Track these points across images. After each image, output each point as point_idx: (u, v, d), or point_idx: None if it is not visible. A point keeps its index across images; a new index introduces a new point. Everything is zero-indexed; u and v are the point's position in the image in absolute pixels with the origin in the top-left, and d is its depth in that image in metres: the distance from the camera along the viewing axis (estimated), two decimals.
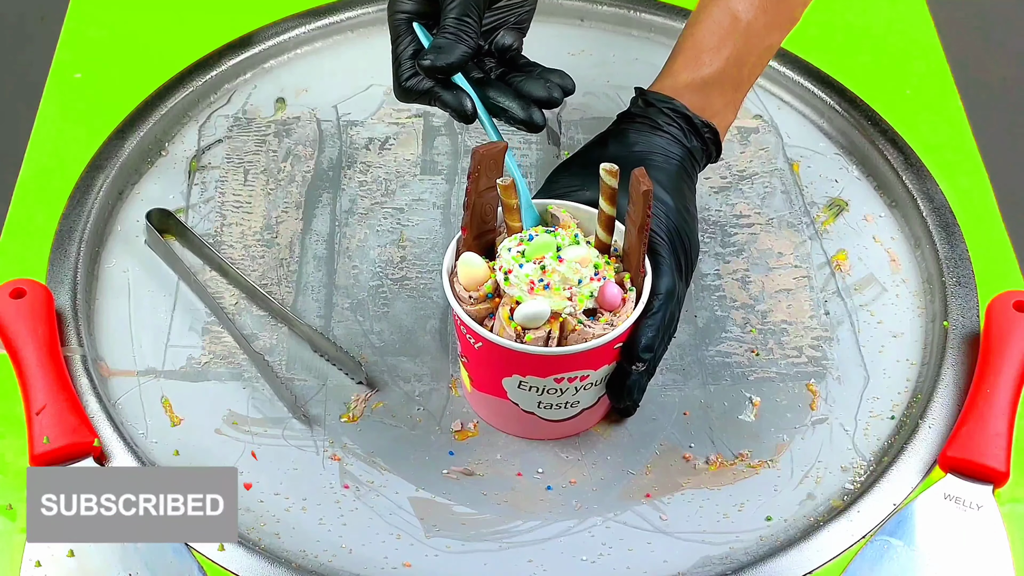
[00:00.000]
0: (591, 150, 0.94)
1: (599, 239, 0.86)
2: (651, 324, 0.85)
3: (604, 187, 0.84)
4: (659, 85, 0.96)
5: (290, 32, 1.16)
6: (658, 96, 0.94)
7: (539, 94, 0.87)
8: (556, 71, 0.89)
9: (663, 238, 0.87)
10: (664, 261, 0.86)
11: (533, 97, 0.87)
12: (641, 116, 0.94)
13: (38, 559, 0.82)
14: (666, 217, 0.88)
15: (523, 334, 0.82)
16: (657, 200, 0.88)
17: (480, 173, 0.83)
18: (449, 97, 0.87)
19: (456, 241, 0.86)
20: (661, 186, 0.89)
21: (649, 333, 0.85)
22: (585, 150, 0.95)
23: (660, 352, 0.86)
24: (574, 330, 0.82)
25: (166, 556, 0.82)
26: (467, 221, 0.85)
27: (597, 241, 0.86)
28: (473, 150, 0.83)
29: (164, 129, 1.09)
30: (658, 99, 0.94)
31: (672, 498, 0.88)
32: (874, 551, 0.84)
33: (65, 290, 0.96)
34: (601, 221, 0.86)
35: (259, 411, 0.92)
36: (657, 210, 0.87)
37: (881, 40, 1.18)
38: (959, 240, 1.01)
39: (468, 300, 0.84)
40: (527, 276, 0.82)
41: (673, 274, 0.86)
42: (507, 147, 0.84)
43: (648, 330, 0.85)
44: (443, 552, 0.85)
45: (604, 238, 0.86)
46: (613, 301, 0.83)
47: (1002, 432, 0.87)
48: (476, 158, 0.83)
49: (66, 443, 0.85)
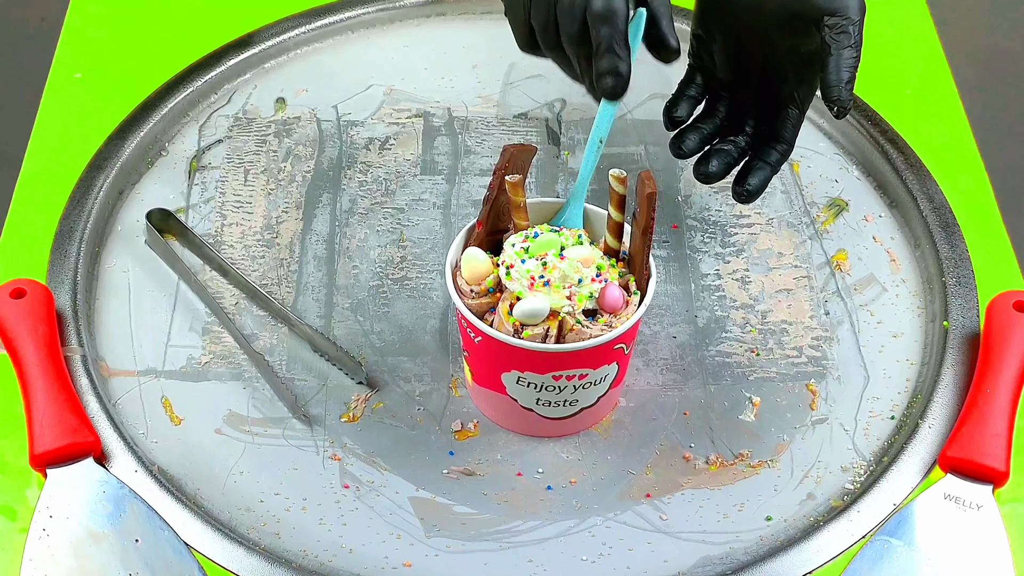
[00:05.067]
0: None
1: (607, 244, 0.86)
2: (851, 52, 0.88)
3: (613, 194, 0.84)
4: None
5: (290, 32, 1.16)
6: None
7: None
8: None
9: None
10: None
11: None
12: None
13: (38, 559, 0.82)
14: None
15: (522, 330, 0.82)
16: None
17: (507, 170, 0.85)
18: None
19: (465, 232, 0.87)
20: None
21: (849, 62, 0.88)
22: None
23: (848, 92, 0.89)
24: (572, 329, 0.82)
25: (166, 556, 0.82)
26: (484, 216, 0.86)
27: (605, 246, 0.87)
28: (504, 147, 0.85)
29: (164, 129, 1.09)
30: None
31: (672, 498, 0.88)
32: (874, 551, 0.84)
33: (65, 290, 0.96)
34: (609, 227, 0.86)
35: (259, 411, 0.92)
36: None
37: (881, 40, 1.18)
38: (959, 240, 1.01)
39: (470, 294, 0.84)
40: (528, 272, 0.82)
41: None
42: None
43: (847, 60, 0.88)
44: (443, 552, 0.85)
45: (612, 243, 0.86)
46: (614, 304, 0.83)
47: (1002, 432, 0.87)
48: (506, 155, 0.85)
49: (66, 443, 0.85)
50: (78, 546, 0.82)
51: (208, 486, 0.88)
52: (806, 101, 0.96)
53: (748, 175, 0.96)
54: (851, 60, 0.88)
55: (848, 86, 0.88)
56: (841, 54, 0.88)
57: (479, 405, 0.92)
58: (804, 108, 0.96)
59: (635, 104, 1.12)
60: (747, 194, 0.96)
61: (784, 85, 0.95)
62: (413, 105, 1.12)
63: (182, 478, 0.88)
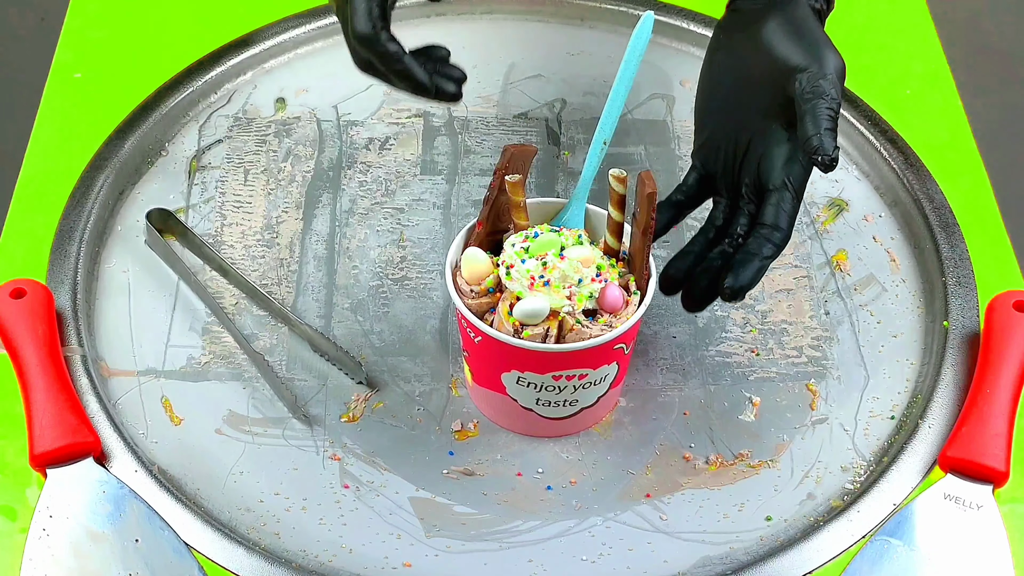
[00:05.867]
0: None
1: (607, 244, 0.86)
2: (828, 111, 0.83)
3: (612, 193, 0.84)
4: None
5: (290, 32, 1.16)
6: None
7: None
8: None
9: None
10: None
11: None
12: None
13: (38, 559, 0.82)
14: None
15: (521, 330, 0.82)
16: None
17: (508, 170, 0.85)
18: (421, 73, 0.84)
19: (465, 232, 0.87)
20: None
21: (826, 124, 0.83)
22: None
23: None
24: (572, 329, 0.82)
25: (166, 556, 0.82)
26: (485, 216, 0.86)
27: (605, 246, 0.87)
28: (505, 147, 0.85)
29: (164, 129, 1.09)
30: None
31: (672, 498, 0.88)
32: (874, 551, 0.84)
33: (65, 290, 0.96)
34: (610, 227, 0.86)
35: (259, 411, 0.92)
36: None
37: (881, 40, 1.18)
38: (959, 240, 1.01)
39: (470, 294, 0.84)
40: (528, 272, 0.82)
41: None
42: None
43: (824, 120, 0.83)
44: (443, 552, 0.85)
45: (612, 243, 0.86)
46: (614, 304, 0.83)
47: (1002, 432, 0.87)
48: (506, 155, 0.85)
49: (66, 443, 0.85)
50: (78, 546, 0.82)
51: (208, 486, 0.88)
52: (797, 181, 0.87)
53: (737, 269, 0.85)
54: (826, 111, 0.83)
55: (828, 134, 0.83)
56: (815, 104, 0.83)
57: (479, 405, 0.92)
58: (797, 190, 0.87)
59: (635, 104, 1.12)
60: (731, 292, 0.85)
61: (774, 171, 0.87)
62: (413, 105, 1.12)
63: (182, 478, 0.88)
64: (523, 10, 1.20)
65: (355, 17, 0.83)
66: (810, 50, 0.86)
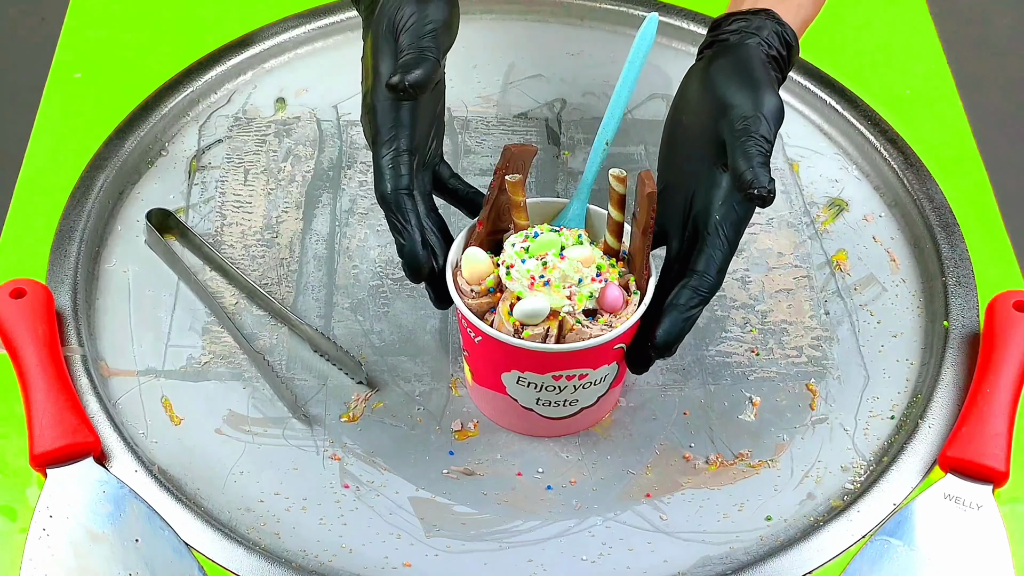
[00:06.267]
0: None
1: (607, 244, 0.86)
2: (760, 148, 0.81)
3: (612, 193, 0.84)
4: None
5: (290, 32, 1.16)
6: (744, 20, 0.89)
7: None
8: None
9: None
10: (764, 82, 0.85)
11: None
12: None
13: (38, 559, 0.82)
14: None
15: (522, 330, 0.82)
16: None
17: (508, 170, 0.85)
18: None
19: (466, 232, 0.87)
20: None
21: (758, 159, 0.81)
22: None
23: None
24: (572, 329, 0.82)
25: (166, 556, 0.82)
26: (485, 215, 0.86)
27: (605, 246, 0.87)
28: (505, 147, 0.85)
29: (164, 129, 1.09)
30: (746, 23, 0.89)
31: (672, 498, 0.88)
32: (874, 551, 0.84)
33: (65, 290, 0.96)
34: (610, 227, 0.86)
35: (259, 411, 0.92)
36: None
37: (881, 40, 1.18)
38: (959, 240, 1.01)
39: (470, 293, 0.84)
40: (528, 271, 0.82)
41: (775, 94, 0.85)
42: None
43: (757, 155, 0.81)
44: (443, 552, 0.85)
45: (612, 243, 0.86)
46: (614, 303, 0.83)
47: (1002, 432, 0.87)
48: (506, 155, 0.85)
49: (66, 443, 0.85)
50: (78, 546, 0.82)
51: (208, 486, 0.88)
52: (731, 227, 0.84)
53: (665, 324, 0.83)
54: (756, 148, 0.81)
55: (761, 168, 0.80)
56: (745, 141, 0.81)
57: (479, 405, 0.92)
58: (730, 236, 0.83)
59: (635, 104, 1.12)
60: (658, 350, 0.83)
61: (709, 216, 0.84)
62: None
63: (182, 478, 0.88)
64: (523, 10, 1.20)
65: (377, 177, 0.85)
66: (745, 90, 0.84)
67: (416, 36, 0.85)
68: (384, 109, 0.85)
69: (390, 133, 0.85)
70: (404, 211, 0.84)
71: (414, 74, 0.82)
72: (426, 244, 0.85)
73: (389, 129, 0.85)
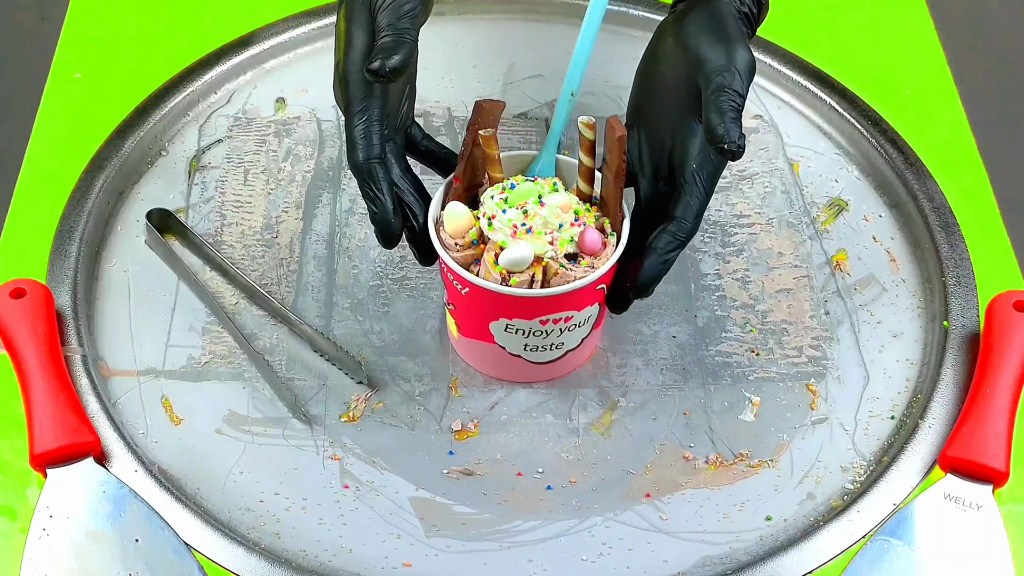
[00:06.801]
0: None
1: (580, 190, 0.89)
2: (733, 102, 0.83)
3: (583, 140, 0.87)
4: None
5: (290, 32, 1.16)
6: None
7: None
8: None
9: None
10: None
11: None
12: None
13: (38, 559, 0.82)
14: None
15: (508, 278, 0.85)
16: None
17: (480, 125, 0.88)
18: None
19: (444, 188, 0.89)
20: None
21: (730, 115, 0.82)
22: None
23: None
24: (556, 273, 0.85)
25: (166, 556, 0.82)
26: (461, 171, 0.88)
27: (577, 192, 0.89)
28: (476, 103, 0.88)
29: (164, 129, 1.09)
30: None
31: (672, 498, 0.88)
32: (874, 551, 0.84)
33: (65, 290, 0.96)
34: (581, 173, 0.88)
35: (259, 411, 0.92)
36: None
37: (881, 40, 1.18)
38: (959, 240, 1.01)
39: (454, 247, 0.86)
40: (510, 221, 0.85)
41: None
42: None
43: (729, 112, 0.83)
44: (443, 552, 0.85)
45: (585, 189, 0.89)
46: (593, 246, 0.85)
47: (1002, 432, 0.87)
48: (478, 111, 0.88)
49: (66, 443, 0.85)
50: (78, 546, 0.82)
51: (208, 486, 0.88)
52: (707, 176, 0.87)
53: (644, 265, 0.86)
54: (729, 102, 0.83)
55: (733, 123, 0.82)
56: (718, 95, 0.83)
57: (465, 356, 0.93)
58: (706, 185, 0.86)
59: None
60: (636, 289, 0.87)
61: (686, 165, 0.87)
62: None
63: (182, 478, 0.88)
64: (523, 10, 1.20)
65: (350, 147, 0.86)
66: (719, 46, 0.86)
67: (395, 16, 0.85)
68: (356, 80, 0.86)
69: (362, 104, 0.86)
70: (376, 179, 0.86)
71: (393, 59, 0.83)
72: (398, 210, 0.87)
73: (361, 100, 0.86)
